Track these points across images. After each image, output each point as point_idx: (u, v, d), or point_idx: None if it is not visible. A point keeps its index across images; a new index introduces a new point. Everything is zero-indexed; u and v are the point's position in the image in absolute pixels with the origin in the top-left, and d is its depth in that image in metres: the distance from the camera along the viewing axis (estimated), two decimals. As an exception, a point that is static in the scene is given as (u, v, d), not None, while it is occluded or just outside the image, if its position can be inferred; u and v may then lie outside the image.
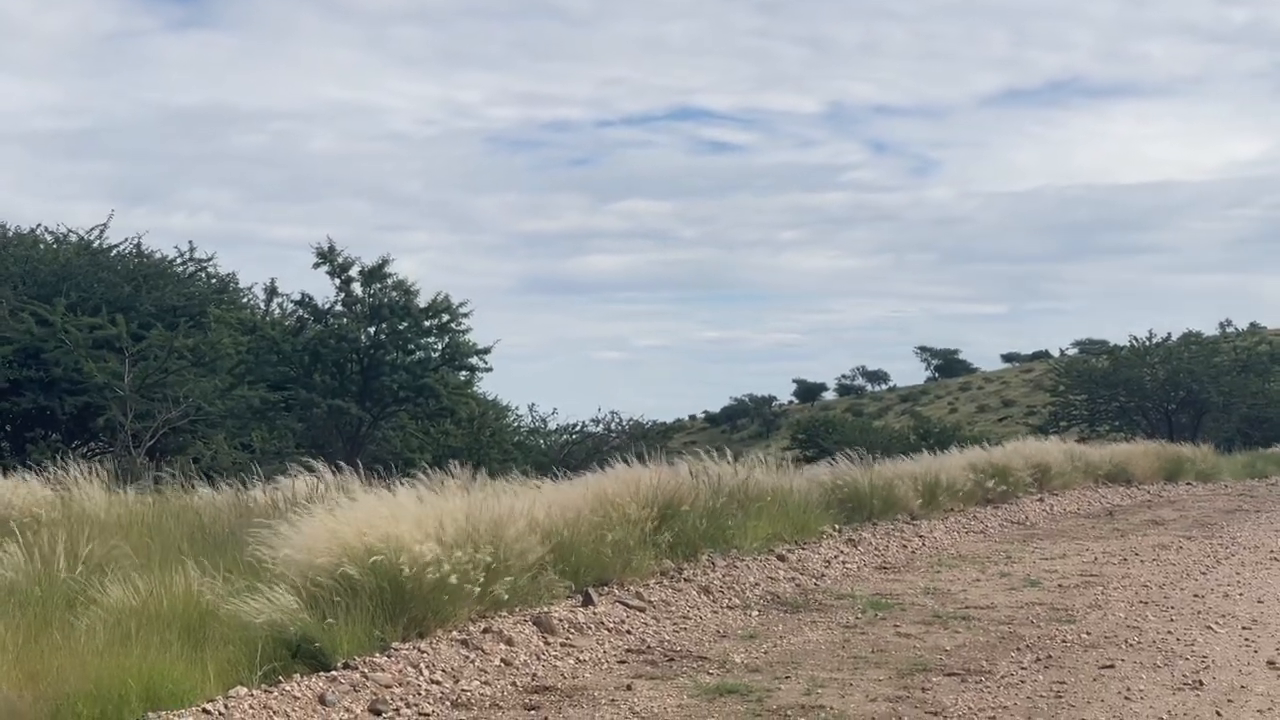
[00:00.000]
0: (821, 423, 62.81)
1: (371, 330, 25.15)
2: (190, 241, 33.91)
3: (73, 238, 28.32)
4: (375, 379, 24.63)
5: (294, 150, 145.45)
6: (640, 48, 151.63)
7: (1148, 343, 46.62)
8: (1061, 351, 69.76)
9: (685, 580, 12.14)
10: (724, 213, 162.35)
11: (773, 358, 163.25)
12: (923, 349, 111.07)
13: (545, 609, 10.11)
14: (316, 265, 26.09)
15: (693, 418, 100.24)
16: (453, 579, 9.09)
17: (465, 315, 26.84)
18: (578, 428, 35.40)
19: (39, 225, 29.32)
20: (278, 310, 29.17)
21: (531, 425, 37.07)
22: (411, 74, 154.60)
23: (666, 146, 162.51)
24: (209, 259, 30.11)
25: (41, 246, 27.94)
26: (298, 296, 27.86)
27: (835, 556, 14.70)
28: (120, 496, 11.86)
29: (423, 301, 25.92)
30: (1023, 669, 9.08)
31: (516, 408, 37.14)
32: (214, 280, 29.73)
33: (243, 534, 9.89)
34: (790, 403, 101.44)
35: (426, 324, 25.61)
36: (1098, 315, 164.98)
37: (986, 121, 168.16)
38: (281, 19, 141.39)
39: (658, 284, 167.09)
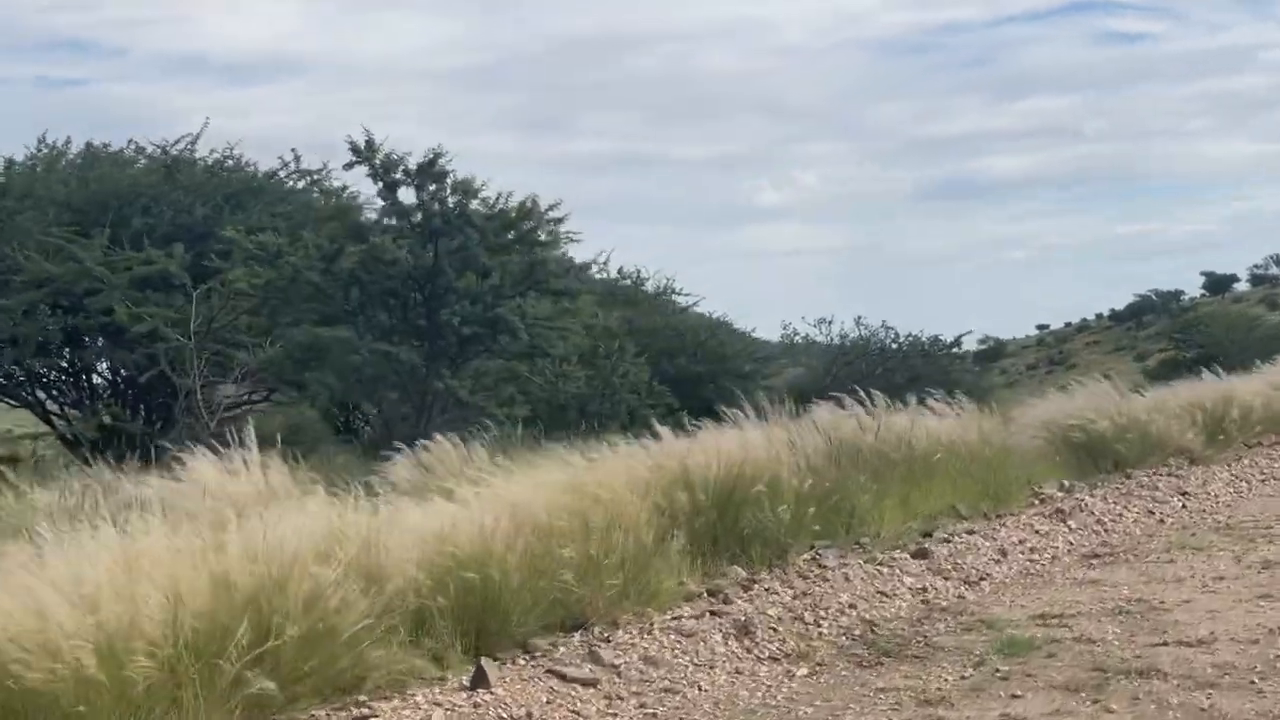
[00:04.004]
0: (1194, 322, 56.05)
1: (430, 250, 18.55)
2: (294, 150, 27.06)
3: (152, 152, 23.55)
4: (438, 313, 18.62)
5: (690, 70, 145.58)
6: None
7: None
8: None
9: (714, 614, 7.80)
10: (1130, 104, 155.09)
11: (1188, 250, 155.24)
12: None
13: (371, 704, 6.06)
14: (350, 165, 19.35)
15: (1099, 316, 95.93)
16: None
17: (558, 221, 20.07)
18: (849, 347, 30.62)
19: (130, 142, 24.50)
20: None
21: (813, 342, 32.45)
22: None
23: (1065, 41, 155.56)
24: (320, 171, 24.67)
25: (132, 167, 23.34)
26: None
27: (1020, 542, 10.03)
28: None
29: (499, 207, 19.24)
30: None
31: (818, 322, 31.99)
32: (332, 197, 23.54)
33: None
34: (1201, 295, 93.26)
35: (509, 237, 19.21)
36: None
37: None
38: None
39: (1063, 182, 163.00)
